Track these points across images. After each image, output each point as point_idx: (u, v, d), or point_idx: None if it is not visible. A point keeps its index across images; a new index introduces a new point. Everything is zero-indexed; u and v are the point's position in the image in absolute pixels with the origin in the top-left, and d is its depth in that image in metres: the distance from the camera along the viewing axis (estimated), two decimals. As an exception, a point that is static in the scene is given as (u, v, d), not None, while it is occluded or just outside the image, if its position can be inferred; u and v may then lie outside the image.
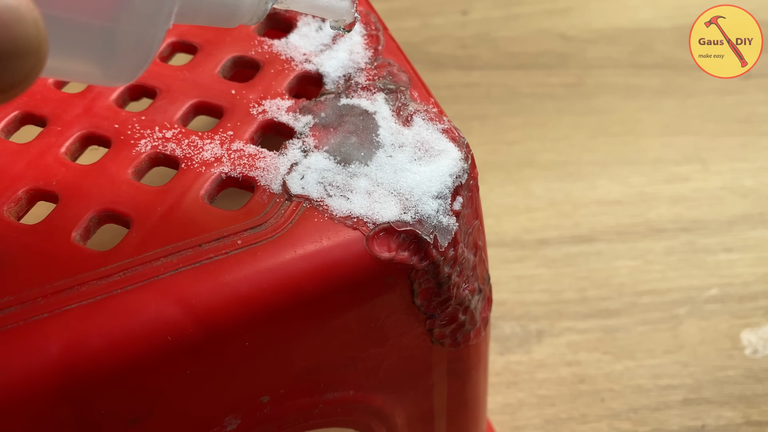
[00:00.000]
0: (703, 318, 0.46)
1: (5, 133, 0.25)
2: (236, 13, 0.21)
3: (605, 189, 0.52)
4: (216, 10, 0.20)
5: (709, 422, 0.42)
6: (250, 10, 0.21)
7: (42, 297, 0.20)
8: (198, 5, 0.20)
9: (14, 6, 0.15)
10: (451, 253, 0.23)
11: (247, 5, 0.21)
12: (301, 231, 0.22)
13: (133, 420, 0.22)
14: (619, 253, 0.49)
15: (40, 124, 0.25)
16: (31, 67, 0.16)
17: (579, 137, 0.55)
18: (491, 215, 0.49)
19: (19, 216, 0.23)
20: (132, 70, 0.19)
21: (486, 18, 0.63)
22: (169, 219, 0.22)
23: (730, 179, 0.52)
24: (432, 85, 0.27)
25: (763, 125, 0.55)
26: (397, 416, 0.27)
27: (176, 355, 0.21)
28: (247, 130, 0.24)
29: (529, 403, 0.42)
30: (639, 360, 0.44)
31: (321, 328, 0.23)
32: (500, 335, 0.45)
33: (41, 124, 0.25)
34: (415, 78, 0.26)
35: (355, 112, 0.25)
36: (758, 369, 0.44)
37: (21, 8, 0.15)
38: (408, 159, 0.23)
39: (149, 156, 0.24)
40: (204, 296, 0.21)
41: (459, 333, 0.26)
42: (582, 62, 0.59)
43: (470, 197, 0.24)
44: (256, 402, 0.24)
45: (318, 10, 0.23)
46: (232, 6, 0.20)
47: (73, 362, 0.20)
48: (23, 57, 0.15)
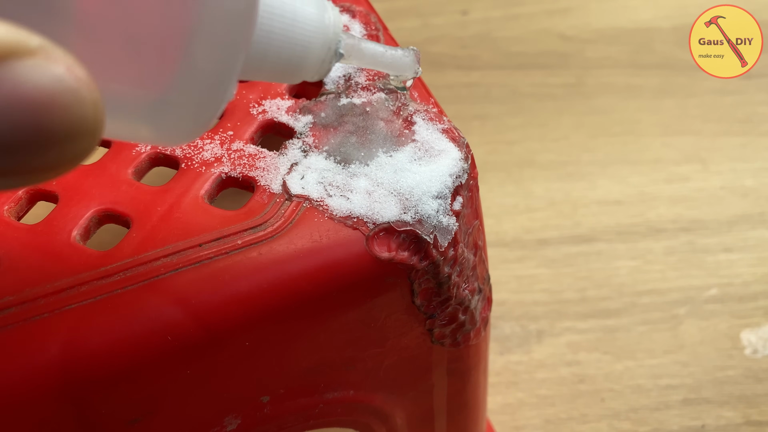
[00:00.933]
0: (703, 318, 0.46)
1: (5, 133, 0.25)
2: (299, 72, 0.20)
3: (605, 189, 0.52)
4: (280, 68, 0.20)
5: (709, 422, 0.42)
6: (315, 66, 0.21)
7: (42, 297, 0.20)
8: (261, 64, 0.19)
9: (74, 88, 0.14)
10: (451, 253, 0.23)
11: (312, 65, 0.20)
12: (301, 231, 0.22)
13: (133, 420, 0.22)
14: (619, 253, 0.49)
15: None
16: (85, 148, 0.15)
17: (579, 137, 0.55)
18: (491, 215, 0.49)
19: (19, 216, 0.23)
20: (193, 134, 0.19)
21: (486, 18, 0.63)
22: (169, 219, 0.22)
23: (730, 179, 0.52)
24: (432, 85, 0.27)
25: (763, 125, 0.56)
26: (397, 416, 0.27)
27: (176, 355, 0.21)
28: (247, 130, 0.24)
29: (529, 403, 0.43)
30: (639, 360, 0.44)
31: (321, 328, 0.23)
32: (500, 335, 0.45)
33: (41, 124, 0.25)
34: (415, 78, 0.26)
35: (355, 112, 0.25)
36: (758, 369, 0.44)
37: (81, 90, 0.15)
38: (408, 159, 0.23)
39: (149, 156, 0.24)
40: (204, 296, 0.21)
41: (459, 333, 0.26)
42: (582, 62, 0.60)
43: (470, 197, 0.24)
44: (256, 402, 0.24)
45: (382, 66, 0.23)
46: (295, 66, 0.20)
47: (73, 362, 0.20)
48: (79, 139, 0.15)
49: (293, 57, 0.20)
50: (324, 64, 0.21)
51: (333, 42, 0.21)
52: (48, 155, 0.15)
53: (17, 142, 0.14)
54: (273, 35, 0.19)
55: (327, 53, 0.21)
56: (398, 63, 0.23)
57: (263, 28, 0.19)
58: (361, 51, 0.22)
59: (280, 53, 0.20)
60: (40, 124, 0.14)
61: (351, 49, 0.21)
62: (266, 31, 0.19)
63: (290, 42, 0.20)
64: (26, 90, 0.14)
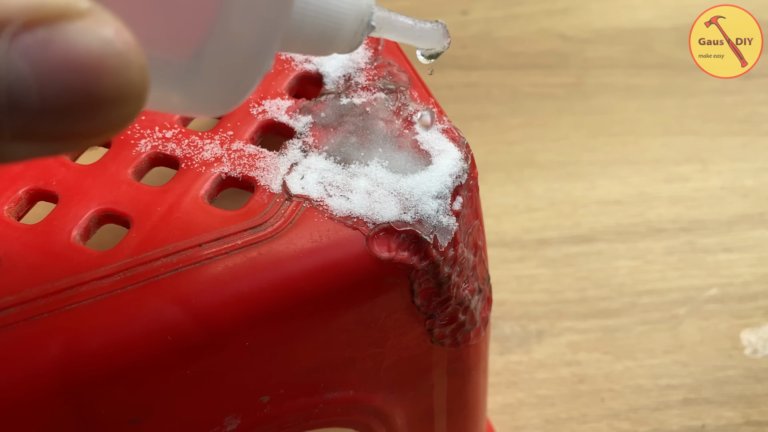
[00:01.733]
0: (703, 318, 0.46)
1: (5, 133, 0.25)
2: (333, 44, 0.20)
3: (605, 189, 0.52)
4: (315, 38, 0.20)
5: (709, 422, 0.42)
6: (348, 38, 0.21)
7: (42, 297, 0.20)
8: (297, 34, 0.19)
9: (123, 52, 0.14)
10: (451, 253, 0.23)
11: (345, 36, 0.20)
12: (301, 231, 0.22)
13: (133, 420, 0.22)
14: (619, 253, 0.49)
15: (40, 124, 0.25)
16: (131, 113, 0.15)
17: (579, 137, 0.55)
18: (491, 215, 0.49)
19: (19, 216, 0.23)
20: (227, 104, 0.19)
21: (486, 18, 0.63)
22: (169, 219, 0.22)
23: (730, 179, 0.52)
24: (432, 85, 0.27)
25: (763, 125, 0.56)
26: (397, 416, 0.27)
27: (176, 355, 0.21)
28: (247, 130, 0.24)
29: (529, 403, 0.43)
30: (639, 360, 0.44)
31: (321, 328, 0.23)
32: (500, 335, 0.45)
33: (41, 124, 0.25)
34: (415, 78, 0.26)
35: (355, 112, 0.25)
36: (758, 369, 0.44)
37: (129, 54, 0.14)
38: (408, 159, 0.23)
39: (149, 156, 0.24)
40: (204, 296, 0.21)
41: (459, 333, 0.26)
42: (582, 62, 0.60)
43: (470, 197, 0.24)
44: (256, 402, 0.24)
45: (412, 39, 0.23)
46: (329, 38, 0.20)
47: (73, 362, 0.20)
48: (126, 103, 0.15)
49: (328, 28, 0.20)
50: (357, 36, 0.21)
51: (366, 14, 0.21)
52: (96, 119, 0.14)
53: (68, 106, 0.14)
54: (309, 6, 0.19)
55: (360, 25, 0.21)
56: (427, 36, 0.23)
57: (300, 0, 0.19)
58: (392, 24, 0.22)
59: (315, 24, 0.20)
60: (90, 88, 0.14)
61: (382, 21, 0.21)
62: (302, 2, 0.19)
63: (326, 13, 0.20)
64: (77, 53, 0.14)
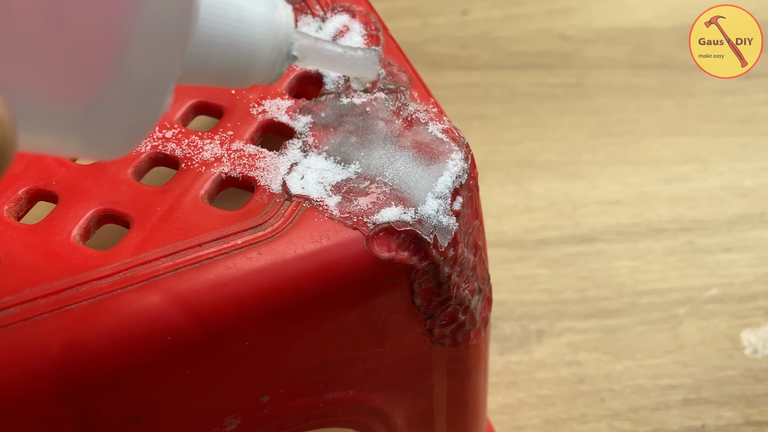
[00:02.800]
0: (703, 318, 0.46)
1: (5, 133, 0.25)
2: (248, 76, 0.19)
3: (605, 189, 0.52)
4: (225, 72, 0.19)
5: (709, 422, 0.42)
6: (263, 72, 0.19)
7: (42, 297, 0.20)
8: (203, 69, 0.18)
9: None
10: (451, 253, 0.23)
11: (261, 68, 0.19)
12: (301, 231, 0.22)
13: (133, 420, 0.22)
14: (619, 253, 0.49)
15: (40, 124, 0.25)
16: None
17: (579, 137, 0.55)
18: (491, 215, 0.49)
19: (19, 216, 0.23)
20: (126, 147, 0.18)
21: (486, 18, 0.62)
22: (169, 219, 0.22)
23: (730, 179, 0.52)
24: (432, 85, 0.27)
25: (763, 125, 0.55)
26: (397, 416, 0.27)
27: (176, 355, 0.21)
28: (247, 130, 0.24)
29: (529, 403, 0.43)
30: (639, 360, 0.44)
31: (321, 328, 0.23)
32: (500, 335, 0.45)
33: (41, 124, 0.25)
34: (415, 78, 0.26)
35: (355, 112, 0.25)
36: (758, 369, 0.44)
37: None
38: (408, 159, 0.23)
39: (149, 156, 0.24)
40: (204, 296, 0.21)
41: (459, 333, 0.26)
42: (582, 62, 0.59)
43: (470, 197, 0.24)
44: (256, 402, 0.24)
45: (342, 69, 0.22)
46: (243, 70, 0.19)
47: (73, 362, 0.20)
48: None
49: (239, 61, 0.19)
50: (275, 67, 0.19)
51: (284, 44, 0.19)
52: None
53: None
54: (216, 38, 0.18)
55: (278, 56, 0.19)
56: (358, 65, 0.22)
57: (205, 30, 0.18)
58: (318, 53, 0.21)
59: (224, 57, 0.18)
60: None
61: (306, 50, 0.20)
62: (208, 33, 0.18)
63: (236, 45, 0.18)
64: None
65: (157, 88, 0.17)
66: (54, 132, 0.17)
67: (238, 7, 0.18)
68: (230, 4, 0.18)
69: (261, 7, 0.19)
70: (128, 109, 0.17)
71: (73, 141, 0.17)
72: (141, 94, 0.17)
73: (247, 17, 0.18)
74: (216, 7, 0.18)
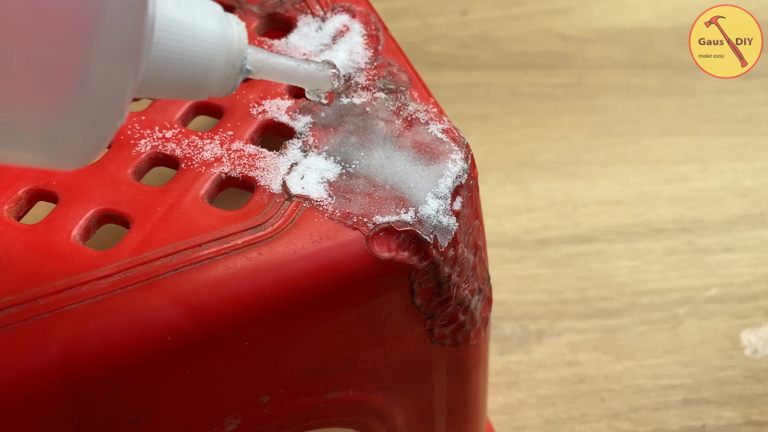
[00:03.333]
0: (703, 318, 0.46)
1: (5, 133, 0.25)
2: (203, 89, 0.20)
3: (605, 189, 0.52)
4: (180, 86, 0.19)
5: (709, 422, 0.42)
6: (218, 85, 0.20)
7: (42, 297, 0.20)
8: (160, 82, 0.19)
9: None
10: (451, 253, 0.23)
11: (215, 82, 0.20)
12: (301, 231, 0.22)
13: (133, 420, 0.22)
14: (619, 253, 0.49)
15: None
16: None
17: (579, 137, 0.55)
18: (491, 215, 0.49)
19: (19, 216, 0.23)
20: (85, 159, 0.18)
21: (486, 18, 0.63)
22: (169, 219, 0.22)
23: (730, 179, 0.52)
24: (432, 85, 0.27)
25: (763, 125, 0.55)
26: (397, 416, 0.27)
27: (176, 355, 0.21)
28: (247, 130, 0.24)
29: (529, 403, 0.43)
30: (639, 360, 0.44)
31: (321, 329, 0.23)
32: (500, 335, 0.45)
33: (41, 124, 0.25)
34: (415, 78, 0.26)
35: (355, 112, 0.25)
36: (758, 369, 0.44)
37: None
38: (408, 159, 0.23)
39: (149, 156, 0.24)
40: (204, 296, 0.21)
41: (459, 333, 0.26)
42: (582, 62, 0.59)
43: (470, 197, 0.24)
44: (256, 402, 0.24)
45: (296, 81, 0.22)
46: (198, 84, 0.20)
47: (73, 362, 0.20)
48: None
49: (194, 75, 0.19)
50: (229, 81, 0.20)
51: (237, 59, 0.20)
52: None
53: None
54: (171, 54, 0.19)
55: (231, 70, 0.20)
56: (313, 78, 0.22)
57: (159, 47, 0.18)
58: (272, 66, 0.21)
59: (179, 72, 0.19)
60: None
61: (260, 64, 0.21)
62: (163, 50, 0.19)
63: (190, 60, 0.19)
64: None
65: (115, 102, 0.18)
66: (17, 145, 0.17)
67: (192, 25, 0.19)
68: (184, 23, 0.19)
69: (214, 25, 0.20)
70: (89, 123, 0.17)
71: (36, 154, 0.18)
72: (101, 108, 0.17)
73: (201, 34, 0.19)
74: (171, 25, 0.19)
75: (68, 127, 0.17)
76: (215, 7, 0.20)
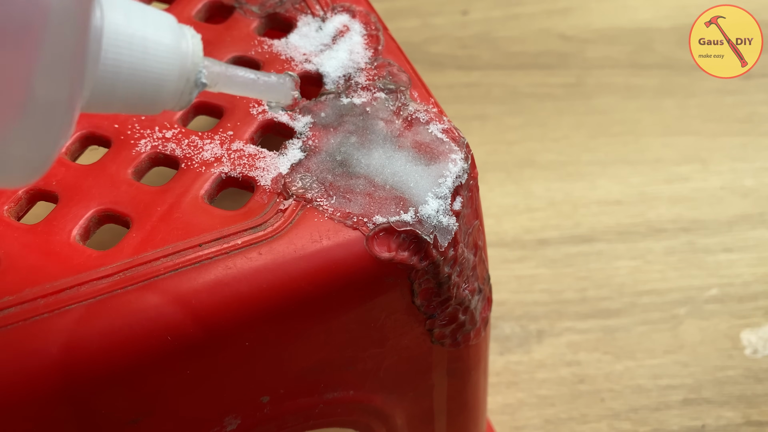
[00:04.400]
0: (703, 318, 0.46)
1: (5, 133, 0.25)
2: (156, 104, 0.19)
3: (605, 189, 0.52)
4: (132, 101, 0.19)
5: (709, 422, 0.42)
6: (172, 100, 0.20)
7: (42, 297, 0.20)
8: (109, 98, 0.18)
9: None
10: (451, 253, 0.23)
11: (169, 97, 0.19)
12: (301, 231, 0.22)
13: (133, 420, 0.22)
14: (619, 253, 0.49)
15: (40, 124, 0.25)
16: None
17: (579, 137, 0.55)
18: (491, 215, 0.49)
19: (19, 216, 0.23)
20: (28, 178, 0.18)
21: (486, 18, 0.62)
22: (169, 219, 0.22)
23: (730, 179, 0.52)
24: (432, 85, 0.27)
25: (763, 125, 0.55)
26: (397, 416, 0.27)
27: (176, 355, 0.21)
28: (247, 130, 0.24)
29: (529, 403, 0.43)
30: (639, 360, 0.44)
31: (321, 328, 0.23)
32: (500, 335, 0.45)
33: (41, 124, 0.25)
34: (415, 78, 0.26)
35: (355, 112, 0.25)
36: (758, 369, 0.44)
37: None
38: (408, 159, 0.23)
39: (149, 156, 0.24)
40: (204, 296, 0.21)
41: (459, 333, 0.26)
42: (582, 62, 0.59)
43: (470, 197, 0.24)
44: (256, 402, 0.24)
45: (256, 94, 0.22)
46: (150, 99, 0.19)
47: (73, 362, 0.20)
48: None
49: (146, 90, 0.19)
50: (184, 95, 0.20)
51: (192, 72, 0.20)
52: None
53: None
54: (120, 68, 0.18)
55: (186, 84, 0.20)
56: (272, 90, 0.22)
57: (108, 62, 0.18)
58: (230, 79, 0.21)
59: (130, 87, 0.19)
60: None
61: (217, 77, 0.20)
62: (112, 65, 0.18)
63: (141, 75, 0.19)
64: None
65: (61, 120, 0.17)
66: None
67: (143, 38, 0.18)
68: (134, 36, 0.18)
69: (166, 38, 0.19)
70: (33, 143, 0.17)
71: None
72: (45, 126, 0.17)
73: (152, 48, 0.19)
74: (119, 39, 0.18)
75: (12, 147, 0.17)
76: (169, 19, 0.19)
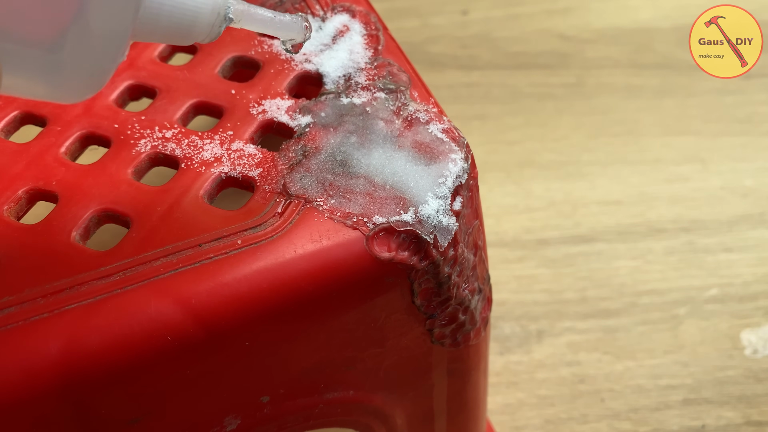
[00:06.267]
0: (703, 318, 0.46)
1: (5, 132, 0.25)
2: (190, 35, 0.22)
3: (605, 189, 0.52)
4: (172, 30, 0.21)
5: (709, 422, 0.42)
6: (205, 30, 0.22)
7: (42, 297, 0.20)
8: (154, 26, 0.21)
9: None
10: (451, 253, 0.23)
11: (202, 28, 0.22)
12: (301, 231, 0.22)
13: (133, 420, 0.22)
14: (619, 253, 0.49)
15: (39, 124, 0.25)
16: None
17: (579, 137, 0.55)
18: (491, 215, 0.49)
19: (19, 216, 0.23)
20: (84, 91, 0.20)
21: (486, 18, 0.63)
22: (169, 219, 0.22)
23: (730, 179, 0.52)
24: (432, 85, 0.27)
25: (763, 125, 0.55)
26: (397, 416, 0.27)
27: (176, 355, 0.21)
28: (247, 130, 0.24)
29: (529, 403, 0.43)
30: (639, 360, 0.44)
31: (321, 328, 0.23)
32: (500, 335, 0.45)
33: (41, 124, 0.25)
34: (415, 78, 0.26)
35: (355, 111, 0.25)
36: (758, 369, 0.44)
37: None
38: (408, 159, 0.23)
39: (149, 156, 0.24)
40: (204, 296, 0.21)
41: (459, 333, 0.26)
42: (582, 62, 0.59)
43: (470, 197, 0.24)
44: (256, 402, 0.24)
45: (272, 30, 0.24)
46: (186, 30, 0.21)
47: (73, 362, 0.20)
48: None
49: (184, 21, 0.21)
50: (214, 28, 0.22)
51: (222, 7, 0.22)
52: None
53: None
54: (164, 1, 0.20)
55: (216, 18, 0.22)
56: (287, 27, 0.24)
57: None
58: (251, 16, 0.23)
59: (171, 17, 0.21)
60: None
61: (241, 14, 0.23)
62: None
63: (182, 7, 0.21)
64: None
65: (112, 42, 0.19)
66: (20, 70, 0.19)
67: None
68: None
69: None
70: (87, 58, 0.19)
71: (38, 83, 0.19)
72: (99, 45, 0.19)
73: None
74: None
75: (66, 58, 0.19)
76: None
